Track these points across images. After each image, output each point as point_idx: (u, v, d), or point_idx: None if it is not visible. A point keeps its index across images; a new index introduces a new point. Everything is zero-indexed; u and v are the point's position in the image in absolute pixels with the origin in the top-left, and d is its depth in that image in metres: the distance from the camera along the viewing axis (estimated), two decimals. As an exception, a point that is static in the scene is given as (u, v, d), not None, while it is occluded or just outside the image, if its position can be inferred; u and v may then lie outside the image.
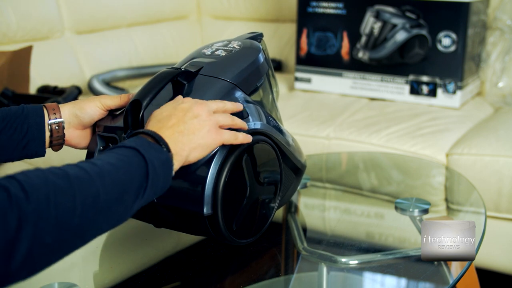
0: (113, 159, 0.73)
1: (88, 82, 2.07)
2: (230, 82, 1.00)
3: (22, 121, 0.95)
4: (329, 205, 1.43)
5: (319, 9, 2.10)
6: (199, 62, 1.02)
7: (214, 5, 2.59)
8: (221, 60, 1.03)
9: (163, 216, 0.95)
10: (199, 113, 0.86)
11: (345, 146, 1.74)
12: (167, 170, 0.79)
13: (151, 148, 0.77)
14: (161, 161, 0.77)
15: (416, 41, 1.96)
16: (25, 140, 0.96)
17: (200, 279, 1.01)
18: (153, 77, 0.95)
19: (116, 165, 0.73)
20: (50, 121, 0.97)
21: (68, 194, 0.66)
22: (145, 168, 0.75)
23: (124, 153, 0.75)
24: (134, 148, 0.76)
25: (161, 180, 0.78)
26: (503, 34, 2.03)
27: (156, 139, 0.80)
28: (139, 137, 0.80)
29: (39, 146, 0.97)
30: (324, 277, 1.04)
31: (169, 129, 0.83)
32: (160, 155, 0.78)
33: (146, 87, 0.92)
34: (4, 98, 1.75)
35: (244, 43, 1.09)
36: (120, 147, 0.77)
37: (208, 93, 0.97)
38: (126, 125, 0.91)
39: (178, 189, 0.90)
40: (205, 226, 0.92)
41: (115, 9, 2.28)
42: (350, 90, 2.09)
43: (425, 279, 1.00)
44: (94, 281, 1.04)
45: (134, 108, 0.91)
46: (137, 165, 0.75)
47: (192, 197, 0.90)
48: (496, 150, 1.58)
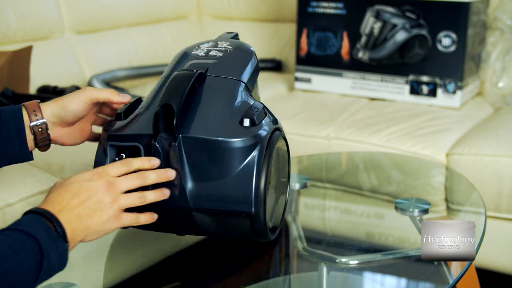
0: (8, 251, 0.71)
1: (88, 82, 2.07)
2: (241, 81, 1.00)
3: (0, 126, 0.91)
4: (329, 205, 1.43)
5: (319, 9, 2.10)
6: (201, 63, 1.01)
7: (214, 5, 2.59)
8: (222, 60, 1.03)
9: (198, 222, 0.93)
10: (102, 199, 0.83)
11: (345, 146, 1.74)
12: (62, 261, 0.77)
13: (49, 238, 0.76)
14: (58, 253, 0.76)
15: (416, 41, 1.96)
16: (6, 145, 0.92)
17: (200, 279, 1.01)
18: (173, 80, 0.93)
19: (9, 257, 0.71)
20: (31, 124, 0.93)
21: None
22: (40, 260, 0.74)
23: (21, 242, 0.73)
24: (33, 237, 0.74)
25: (54, 271, 0.77)
26: (503, 34, 2.03)
27: (55, 225, 0.78)
28: (39, 221, 0.77)
29: (22, 151, 0.94)
30: (324, 277, 1.04)
31: (69, 212, 0.80)
32: (58, 246, 0.76)
33: (171, 91, 0.90)
34: (4, 98, 1.75)
35: (232, 42, 1.09)
36: (19, 231, 0.74)
37: (222, 94, 0.96)
38: (157, 130, 0.89)
39: (221, 192, 0.90)
40: (245, 225, 0.92)
41: (115, 9, 2.28)
42: (350, 90, 2.09)
43: (425, 279, 1.00)
44: (94, 281, 1.04)
45: (165, 112, 0.89)
46: (33, 257, 0.73)
47: (238, 198, 0.89)
48: (496, 150, 1.58)
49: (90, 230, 0.82)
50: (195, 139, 0.89)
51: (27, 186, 1.32)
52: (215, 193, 0.89)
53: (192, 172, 0.90)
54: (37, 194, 1.32)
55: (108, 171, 0.86)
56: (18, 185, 1.31)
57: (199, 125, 0.91)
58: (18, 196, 1.28)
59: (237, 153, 0.90)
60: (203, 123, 0.91)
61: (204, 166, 0.90)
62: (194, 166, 0.90)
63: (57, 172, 1.41)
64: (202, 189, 0.90)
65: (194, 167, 0.90)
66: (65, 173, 1.41)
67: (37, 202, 1.31)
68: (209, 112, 0.93)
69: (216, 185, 0.89)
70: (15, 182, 1.32)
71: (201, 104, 0.94)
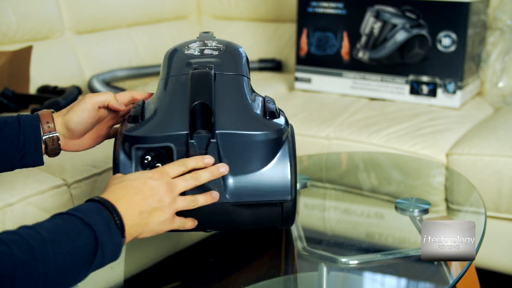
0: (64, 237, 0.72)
1: (88, 82, 2.06)
2: (245, 76, 1.02)
3: (18, 132, 0.94)
4: (329, 205, 1.43)
5: (319, 9, 2.10)
6: (203, 62, 1.02)
7: (214, 5, 2.59)
8: (221, 58, 1.04)
9: (233, 216, 0.95)
10: (163, 199, 0.84)
11: (345, 146, 1.74)
12: (116, 254, 0.78)
13: (107, 230, 0.76)
14: (113, 246, 0.77)
15: (416, 41, 1.96)
16: (22, 151, 0.94)
17: (200, 279, 1.01)
18: (196, 79, 0.94)
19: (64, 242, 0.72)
20: (44, 136, 0.95)
21: (9, 278, 0.66)
22: (94, 250, 0.75)
23: (78, 230, 0.74)
24: (91, 228, 0.75)
25: (107, 262, 0.77)
26: (503, 34, 2.03)
27: (115, 218, 0.78)
28: (101, 211, 0.78)
29: (37, 157, 0.96)
30: (324, 277, 1.04)
31: (132, 208, 0.81)
32: (114, 239, 0.77)
33: (200, 89, 0.92)
34: (4, 98, 1.75)
35: (220, 41, 1.11)
36: (78, 218, 0.75)
37: (233, 89, 0.98)
38: (193, 127, 0.90)
39: (258, 184, 0.92)
40: (277, 214, 0.95)
41: (115, 9, 2.28)
42: (350, 90, 2.09)
43: (425, 279, 1.00)
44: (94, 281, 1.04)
45: (200, 110, 0.90)
46: (87, 247, 0.74)
47: (277, 188, 0.92)
48: (496, 150, 1.58)
49: (147, 228, 0.83)
50: (231, 135, 0.91)
51: (27, 186, 1.32)
52: (253, 185, 0.92)
53: (230, 168, 0.92)
54: (37, 194, 1.32)
55: (167, 171, 0.87)
56: (18, 185, 1.31)
57: (228, 121, 0.93)
58: (18, 196, 1.28)
59: (272, 145, 0.93)
60: (229, 118, 0.93)
61: (240, 160, 0.92)
62: (231, 161, 0.92)
63: (57, 172, 1.41)
64: (239, 183, 0.92)
65: (231, 162, 0.92)
66: (65, 173, 1.41)
67: (37, 202, 1.31)
68: (229, 107, 0.95)
69: (253, 177, 0.92)
70: (15, 182, 1.32)
71: (217, 101, 0.95)
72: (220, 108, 0.93)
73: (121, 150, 0.93)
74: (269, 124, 0.94)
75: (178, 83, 0.99)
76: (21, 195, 1.29)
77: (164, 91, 0.99)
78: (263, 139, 0.92)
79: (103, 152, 1.44)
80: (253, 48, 2.49)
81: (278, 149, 0.94)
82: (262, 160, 0.92)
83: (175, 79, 1.00)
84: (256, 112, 0.96)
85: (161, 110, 0.96)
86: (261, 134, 0.92)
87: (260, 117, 0.95)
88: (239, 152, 0.92)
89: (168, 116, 0.94)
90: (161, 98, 0.98)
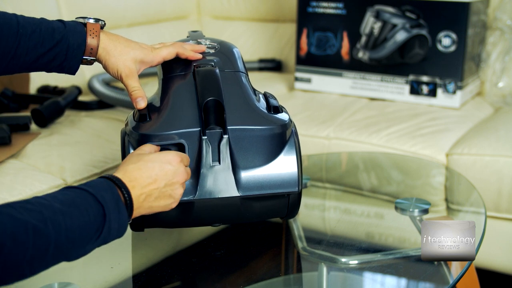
0: (75, 210, 0.74)
1: (88, 82, 2.06)
2: (244, 73, 1.04)
3: (61, 37, 0.97)
4: (329, 205, 1.43)
5: (319, 9, 2.10)
6: (204, 60, 1.03)
7: (214, 5, 2.60)
8: (218, 56, 1.05)
9: (242, 209, 0.96)
10: (175, 187, 0.87)
11: (345, 146, 1.74)
12: (121, 231, 0.80)
13: (115, 208, 0.78)
14: (119, 223, 0.78)
15: (416, 41, 1.96)
16: (60, 56, 0.98)
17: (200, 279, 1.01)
18: (203, 77, 0.96)
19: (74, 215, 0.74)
20: (83, 57, 1.00)
21: (23, 243, 0.68)
22: (102, 226, 0.76)
23: (88, 204, 0.76)
24: (100, 204, 0.76)
25: (111, 238, 0.79)
26: (503, 34, 2.03)
27: (125, 198, 0.80)
28: (112, 189, 0.79)
29: (73, 65, 1.00)
30: (324, 277, 1.04)
31: (142, 189, 0.83)
32: (121, 216, 0.79)
33: (210, 86, 0.94)
34: (4, 98, 1.75)
35: (213, 40, 1.12)
36: (89, 194, 0.77)
37: (236, 86, 1.00)
38: (207, 122, 0.92)
39: (268, 176, 0.95)
40: (282, 206, 0.98)
41: (115, 9, 2.28)
42: (350, 90, 2.09)
43: (425, 279, 1.01)
44: (94, 281, 1.04)
45: (211, 107, 0.92)
46: (95, 223, 0.76)
47: (285, 180, 0.95)
48: (496, 150, 1.58)
49: (150, 210, 0.85)
50: (242, 130, 0.94)
51: (27, 186, 1.32)
52: (262, 179, 0.95)
53: (240, 162, 0.94)
54: (37, 194, 1.31)
55: (184, 160, 0.89)
56: (18, 185, 1.31)
57: (237, 117, 0.95)
58: (18, 196, 1.28)
59: (280, 139, 0.96)
60: (238, 114, 0.95)
61: (250, 154, 0.95)
62: (242, 156, 0.94)
63: (57, 172, 1.41)
64: (249, 177, 0.94)
65: (241, 157, 0.94)
66: (65, 173, 1.41)
67: (37, 202, 1.31)
68: (236, 103, 0.97)
69: (262, 171, 0.94)
70: (15, 182, 1.32)
71: (224, 97, 0.96)
72: (227, 104, 0.95)
73: (131, 148, 0.95)
74: (275, 119, 0.97)
75: (180, 81, 1.00)
76: (21, 195, 1.29)
77: (167, 90, 1.00)
78: (272, 133, 0.95)
79: (103, 152, 1.44)
80: (253, 48, 2.49)
81: (285, 142, 0.96)
82: (270, 154, 0.95)
83: (176, 77, 1.01)
84: (261, 107, 0.98)
85: (169, 108, 0.97)
86: (271, 128, 0.95)
87: (266, 113, 0.98)
88: (249, 146, 0.94)
89: (178, 114, 0.95)
90: (165, 97, 0.99)
